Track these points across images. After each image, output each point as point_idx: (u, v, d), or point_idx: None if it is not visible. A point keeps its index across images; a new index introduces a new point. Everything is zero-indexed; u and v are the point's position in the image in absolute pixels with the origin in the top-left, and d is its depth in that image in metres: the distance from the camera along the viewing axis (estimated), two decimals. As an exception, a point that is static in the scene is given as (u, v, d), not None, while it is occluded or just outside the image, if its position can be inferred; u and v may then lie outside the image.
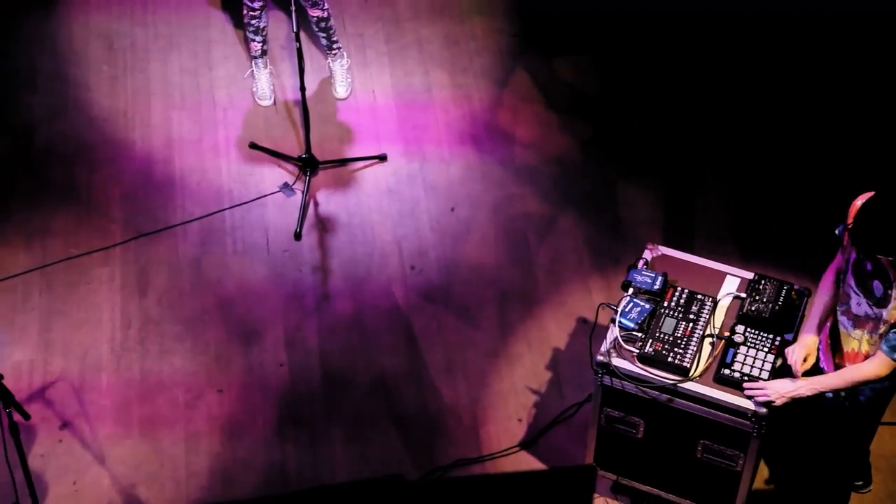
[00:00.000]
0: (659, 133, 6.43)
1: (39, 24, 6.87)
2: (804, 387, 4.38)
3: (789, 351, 4.47)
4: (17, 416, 4.47)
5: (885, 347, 4.20)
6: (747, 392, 4.48)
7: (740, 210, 6.10)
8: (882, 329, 4.23)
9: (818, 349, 4.54)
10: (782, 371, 4.56)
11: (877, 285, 4.24)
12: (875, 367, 4.26)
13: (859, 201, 4.14)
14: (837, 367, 4.47)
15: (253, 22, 6.30)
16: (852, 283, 4.31)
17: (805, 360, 4.44)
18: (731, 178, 6.23)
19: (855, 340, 4.40)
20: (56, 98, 6.56)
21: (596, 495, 4.95)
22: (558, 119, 6.48)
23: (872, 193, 4.11)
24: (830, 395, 4.48)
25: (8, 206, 6.10)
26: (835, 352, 4.51)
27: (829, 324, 4.52)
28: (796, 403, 4.43)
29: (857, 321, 4.35)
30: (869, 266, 4.23)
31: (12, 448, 4.52)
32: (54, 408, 5.41)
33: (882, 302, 4.21)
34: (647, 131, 6.43)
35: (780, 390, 4.40)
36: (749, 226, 6.03)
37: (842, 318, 4.42)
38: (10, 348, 5.59)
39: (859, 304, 4.33)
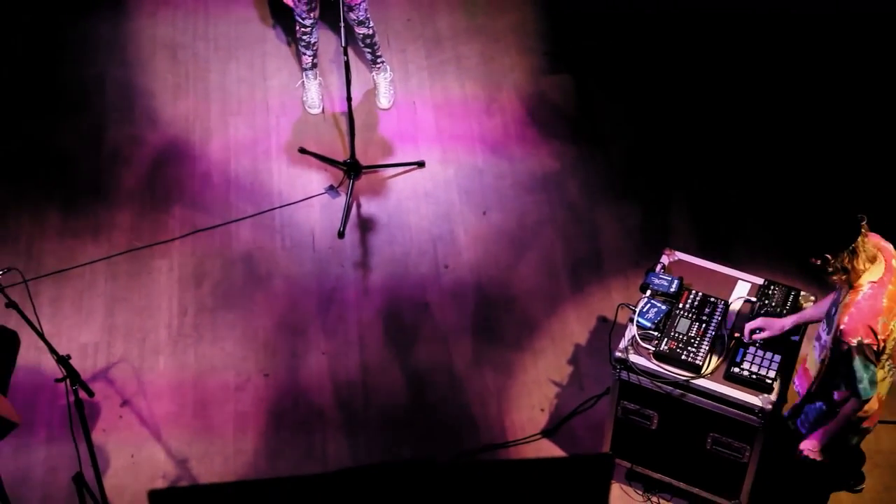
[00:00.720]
0: (677, 148, 6.40)
1: (111, 35, 6.89)
2: (827, 436, 4.35)
3: (809, 446, 4.42)
4: (82, 394, 4.49)
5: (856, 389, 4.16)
6: (804, 450, 4.41)
7: (753, 219, 6.07)
8: (825, 353, 4.23)
9: (795, 372, 4.55)
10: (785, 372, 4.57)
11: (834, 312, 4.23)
12: (853, 406, 4.24)
13: None
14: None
15: (304, 37, 6.34)
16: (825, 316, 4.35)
17: (761, 331, 4.54)
18: (745, 189, 6.19)
19: (812, 361, 4.43)
20: (124, 103, 6.58)
21: (612, 482, 4.95)
22: (584, 132, 6.45)
23: None
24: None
25: (78, 202, 6.13)
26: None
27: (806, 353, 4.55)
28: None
29: (821, 349, 4.36)
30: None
31: (77, 422, 4.55)
32: (115, 386, 5.45)
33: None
34: (667, 146, 6.40)
35: (814, 447, 4.37)
36: (760, 234, 6.00)
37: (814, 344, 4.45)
38: (78, 331, 5.62)
39: (821, 332, 4.36)
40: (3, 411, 4.44)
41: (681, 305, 4.74)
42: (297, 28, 6.29)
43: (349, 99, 5.89)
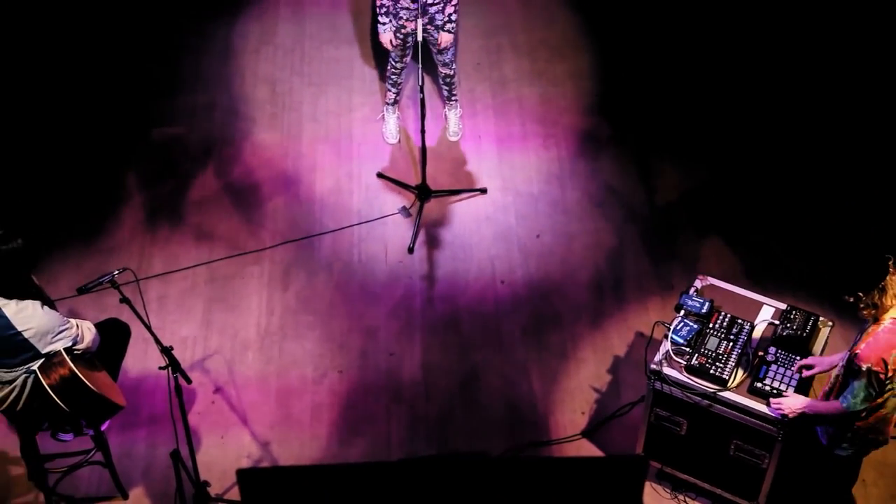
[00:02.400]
0: (714, 184, 6.31)
1: (221, 69, 6.98)
2: (806, 407, 4.34)
3: (788, 404, 4.38)
4: (181, 381, 4.53)
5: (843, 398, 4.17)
6: (772, 404, 4.41)
7: (779, 250, 5.96)
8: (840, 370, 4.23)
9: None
10: (803, 387, 4.48)
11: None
12: (836, 406, 4.23)
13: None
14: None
15: (393, 77, 6.34)
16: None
17: (811, 368, 4.48)
18: (772, 223, 6.10)
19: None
20: (228, 128, 6.65)
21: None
22: (631, 167, 6.40)
23: None
24: (824, 440, 4.42)
25: (183, 214, 6.19)
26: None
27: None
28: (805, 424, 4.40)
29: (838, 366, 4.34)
30: None
31: (176, 405, 4.59)
32: (210, 375, 5.49)
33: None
34: (705, 183, 6.32)
35: (792, 406, 4.36)
36: (785, 264, 5.89)
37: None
38: (180, 326, 5.68)
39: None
40: (112, 394, 4.53)
41: (711, 325, 4.69)
42: (389, 68, 6.31)
43: (423, 131, 5.92)
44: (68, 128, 6.61)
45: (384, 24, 5.97)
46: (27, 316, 4.23)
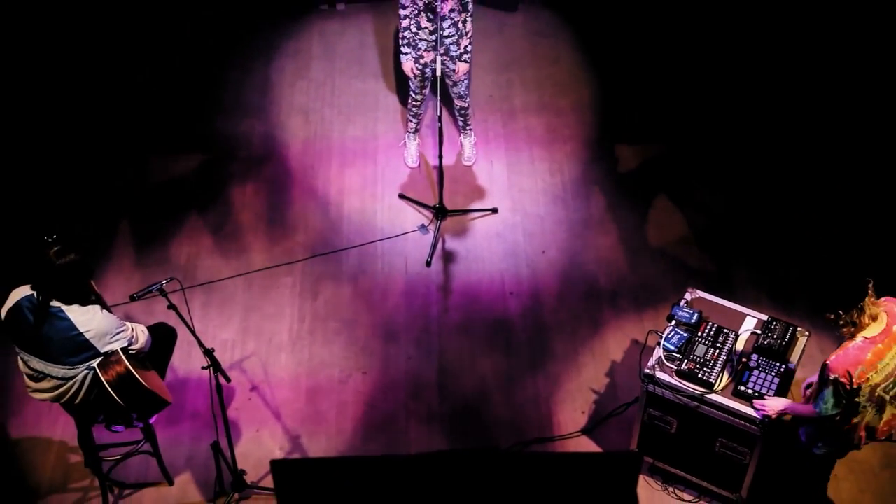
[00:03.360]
0: (703, 208, 6.33)
1: (260, 99, 7.01)
2: (786, 408, 4.35)
3: (771, 405, 4.40)
4: (221, 379, 4.55)
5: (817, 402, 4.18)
6: (756, 405, 4.42)
7: (762, 267, 5.97)
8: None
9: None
10: (781, 391, 4.49)
11: None
12: (809, 410, 4.24)
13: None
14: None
15: (413, 108, 6.38)
16: None
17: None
18: (758, 242, 6.10)
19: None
20: (265, 153, 6.67)
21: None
22: (628, 191, 6.41)
23: None
24: (803, 439, 4.42)
25: (225, 229, 6.23)
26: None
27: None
28: (785, 426, 4.42)
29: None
30: None
31: (216, 401, 4.62)
32: (247, 375, 5.51)
33: None
34: (697, 206, 6.33)
35: (774, 406, 4.37)
36: (767, 279, 5.89)
37: None
38: (220, 330, 5.70)
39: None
40: (160, 391, 4.54)
41: (699, 334, 4.69)
42: (410, 100, 6.34)
43: (440, 156, 5.93)
44: (125, 154, 6.66)
45: (406, 54, 6.03)
46: (88, 319, 4.27)
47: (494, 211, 6.31)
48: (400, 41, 6.02)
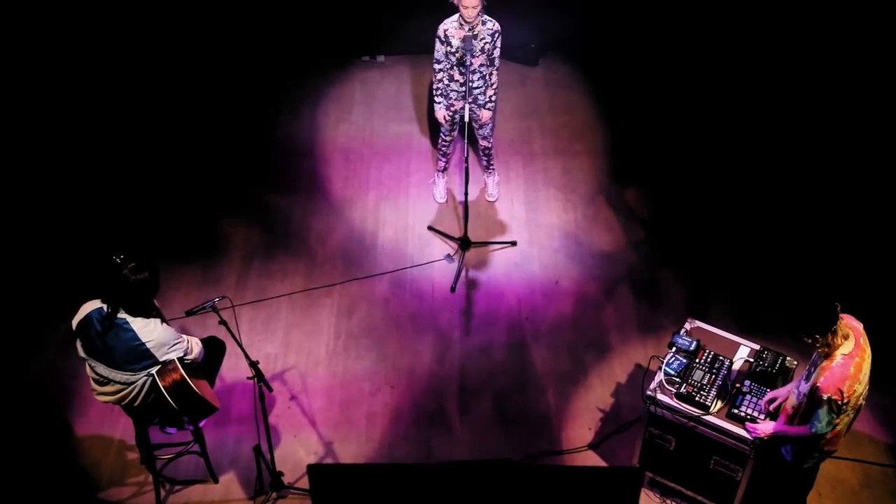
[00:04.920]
0: (705, 245, 6.31)
1: (307, 139, 7.03)
2: (777, 432, 4.31)
3: (762, 429, 4.35)
4: (264, 389, 4.58)
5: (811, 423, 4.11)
6: (749, 428, 4.37)
7: (757, 299, 5.92)
8: (802, 399, 4.14)
9: (782, 411, 4.43)
10: (773, 415, 4.44)
11: (810, 371, 4.18)
12: (803, 432, 4.18)
13: None
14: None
15: (443, 148, 6.42)
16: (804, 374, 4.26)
17: (775, 400, 4.40)
18: (752, 275, 6.06)
19: (791, 403, 4.30)
20: (309, 187, 6.71)
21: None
22: (637, 228, 6.40)
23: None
24: (788, 457, 4.35)
25: (272, 254, 6.25)
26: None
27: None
28: (773, 444, 4.36)
29: (798, 395, 4.25)
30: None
31: (259, 409, 4.64)
32: (287, 385, 5.52)
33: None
34: (700, 239, 6.30)
35: (766, 430, 4.34)
36: (761, 312, 5.83)
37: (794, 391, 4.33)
38: (265, 344, 5.72)
39: (801, 382, 4.25)
40: (210, 397, 4.56)
41: (697, 360, 4.67)
42: (440, 142, 6.38)
43: (466, 193, 5.96)
44: (190, 187, 6.74)
45: (439, 102, 6.09)
46: (150, 330, 4.31)
47: (513, 244, 6.32)
48: (434, 91, 6.08)
